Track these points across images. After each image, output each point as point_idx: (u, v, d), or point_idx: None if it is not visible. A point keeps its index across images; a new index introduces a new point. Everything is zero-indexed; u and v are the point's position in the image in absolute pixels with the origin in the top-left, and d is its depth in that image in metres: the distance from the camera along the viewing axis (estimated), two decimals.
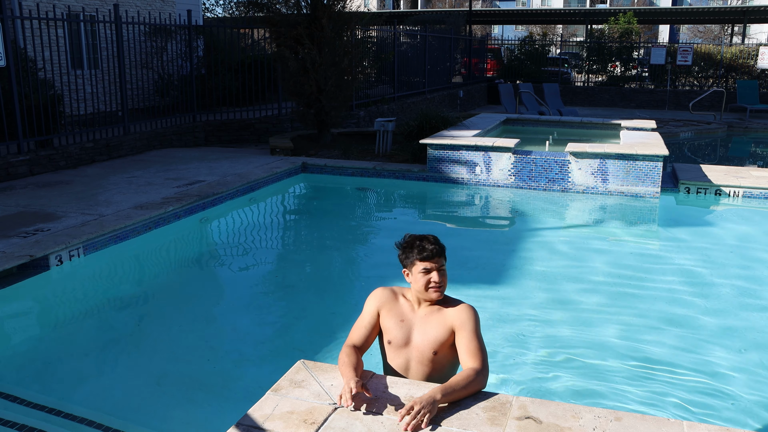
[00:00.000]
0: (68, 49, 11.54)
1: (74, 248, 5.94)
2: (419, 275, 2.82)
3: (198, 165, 9.91)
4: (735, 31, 31.70)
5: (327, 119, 11.89)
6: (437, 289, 2.81)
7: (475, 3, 53.17)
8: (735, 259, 6.59)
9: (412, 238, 2.88)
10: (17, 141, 9.05)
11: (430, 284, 2.80)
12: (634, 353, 4.47)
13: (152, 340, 4.79)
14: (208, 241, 7.50)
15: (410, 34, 19.03)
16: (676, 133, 15.78)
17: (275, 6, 11.58)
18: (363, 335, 2.91)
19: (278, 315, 5.38)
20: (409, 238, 2.89)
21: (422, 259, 2.80)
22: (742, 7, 26.12)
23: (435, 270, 2.80)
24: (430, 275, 2.80)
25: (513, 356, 4.39)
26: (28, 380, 4.17)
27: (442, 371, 2.86)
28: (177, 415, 3.77)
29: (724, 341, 4.70)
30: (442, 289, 2.84)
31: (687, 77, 23.55)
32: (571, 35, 42.72)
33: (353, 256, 7.00)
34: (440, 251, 2.83)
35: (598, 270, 6.20)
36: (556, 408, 2.53)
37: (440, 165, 9.58)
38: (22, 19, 9.27)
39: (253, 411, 2.50)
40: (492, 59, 28.23)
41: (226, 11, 27.20)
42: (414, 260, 2.83)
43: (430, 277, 2.80)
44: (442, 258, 2.84)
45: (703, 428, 2.40)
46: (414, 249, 2.83)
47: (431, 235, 2.89)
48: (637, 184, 8.79)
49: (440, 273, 2.82)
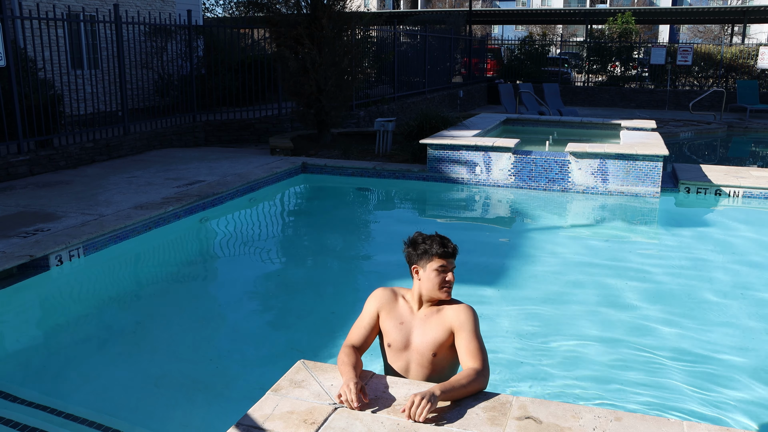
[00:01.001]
0: (68, 49, 11.54)
1: (74, 248, 5.94)
2: (433, 273, 2.79)
3: (198, 165, 9.91)
4: (735, 31, 31.70)
5: (327, 119, 11.89)
6: (450, 289, 2.82)
7: (475, 3, 53.17)
8: (735, 258, 6.59)
9: (425, 237, 2.87)
10: (17, 141, 9.05)
11: (445, 283, 2.80)
12: (634, 353, 4.47)
13: (152, 340, 4.79)
14: (208, 241, 7.50)
15: (410, 34, 19.03)
16: (676, 133, 15.78)
17: (275, 6, 11.58)
18: (362, 336, 2.91)
19: (278, 315, 5.38)
20: (422, 237, 2.87)
21: (442, 255, 2.78)
22: (742, 7, 26.12)
23: (450, 270, 2.80)
24: (446, 274, 2.79)
25: (513, 356, 4.38)
26: (28, 380, 4.17)
27: (442, 372, 2.86)
28: (177, 415, 3.77)
29: (724, 341, 4.70)
30: (451, 289, 2.85)
31: (687, 77, 23.55)
32: (571, 35, 42.72)
33: (353, 256, 7.00)
34: (456, 250, 2.85)
35: (598, 270, 6.20)
36: (556, 408, 2.53)
37: (440, 165, 9.58)
38: (22, 19, 9.27)
39: (253, 411, 2.50)
40: (492, 59, 28.24)
41: (226, 11, 27.21)
42: (432, 256, 2.79)
43: (446, 276, 2.79)
44: (454, 259, 2.85)
45: (703, 428, 2.39)
46: (433, 245, 2.79)
47: (441, 235, 2.89)
48: (637, 184, 8.79)
49: (452, 273, 2.83)
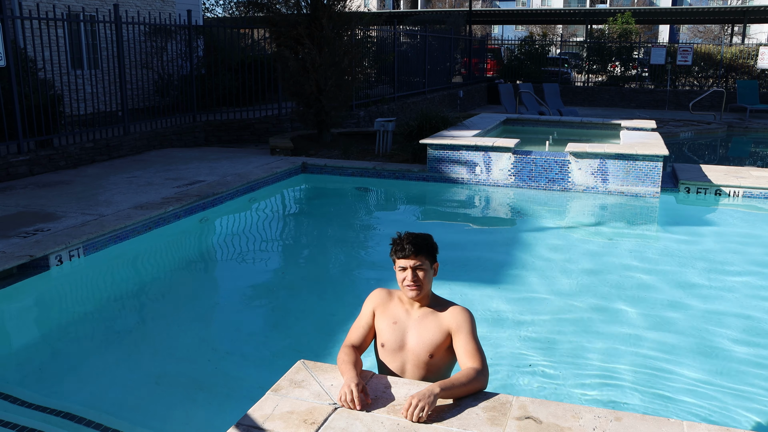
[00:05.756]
0: (68, 49, 11.54)
1: (74, 248, 5.94)
2: (398, 272, 2.88)
3: (198, 165, 9.90)
4: (735, 31, 31.70)
5: (327, 119, 11.89)
6: (412, 288, 2.84)
7: (475, 3, 53.17)
8: (735, 258, 6.59)
9: (398, 236, 2.91)
10: (17, 141, 9.05)
11: (405, 282, 2.85)
12: (634, 353, 4.47)
13: (152, 340, 4.79)
14: (207, 241, 7.50)
15: (410, 34, 19.03)
16: (676, 133, 15.78)
17: (275, 6, 11.58)
18: (361, 335, 2.93)
19: (278, 315, 5.38)
20: (396, 236, 2.92)
21: (398, 257, 2.86)
22: (742, 7, 26.13)
23: (410, 268, 2.82)
24: (405, 273, 2.84)
25: (513, 356, 4.38)
26: (28, 380, 4.16)
27: (438, 373, 2.87)
28: (177, 415, 3.77)
29: (724, 341, 4.70)
30: (419, 289, 2.84)
31: (687, 77, 23.55)
32: (571, 35, 42.73)
33: (353, 256, 7.00)
34: (418, 250, 2.83)
35: (598, 270, 6.20)
36: (556, 408, 2.52)
37: (440, 165, 9.58)
38: (22, 19, 9.27)
39: (253, 411, 2.50)
40: (492, 59, 28.24)
41: (226, 11, 27.22)
42: (394, 258, 2.89)
43: (405, 275, 2.84)
44: (422, 257, 2.84)
45: (703, 428, 2.39)
46: (393, 246, 2.89)
47: (418, 234, 2.90)
48: (637, 184, 8.79)
49: (416, 272, 2.83)
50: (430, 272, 2.88)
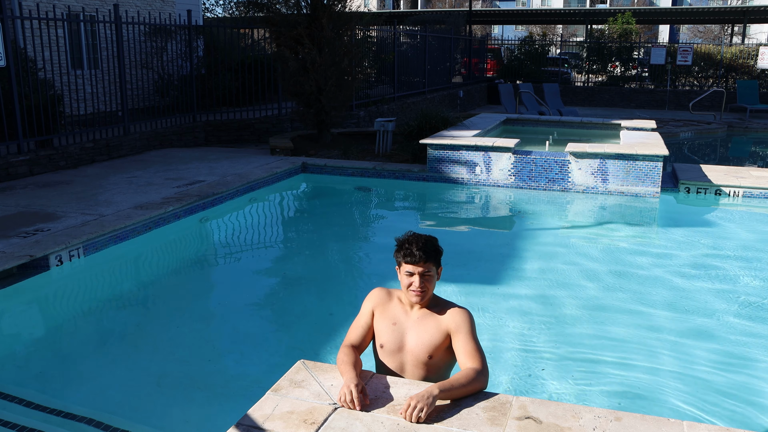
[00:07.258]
0: (68, 49, 11.54)
1: (74, 248, 5.94)
2: (404, 276, 2.84)
3: (198, 165, 9.91)
4: (735, 31, 31.69)
5: (327, 119, 11.89)
6: (417, 294, 2.82)
7: (475, 3, 53.17)
8: (735, 258, 6.59)
9: (405, 238, 2.87)
10: (17, 141, 9.05)
11: (411, 287, 2.82)
12: (634, 353, 4.47)
13: (152, 340, 4.79)
14: (207, 241, 7.50)
15: (410, 34, 19.03)
16: (676, 133, 15.78)
17: (275, 6, 11.58)
18: (360, 335, 2.92)
19: (278, 315, 5.38)
20: (403, 238, 2.89)
21: (407, 262, 2.82)
22: (742, 7, 26.12)
23: (418, 275, 2.80)
24: (413, 279, 2.81)
25: (513, 356, 4.38)
26: (28, 380, 4.16)
27: (438, 374, 2.87)
28: (177, 414, 3.77)
29: (724, 341, 4.70)
30: (423, 295, 2.83)
31: (687, 77, 23.55)
32: (571, 35, 42.71)
33: (353, 256, 7.00)
34: (427, 257, 2.80)
35: (598, 270, 6.20)
36: (556, 408, 2.52)
37: (440, 165, 9.58)
38: (22, 19, 9.27)
39: (253, 411, 2.50)
40: (492, 59, 28.23)
41: (226, 11, 27.21)
42: (401, 261, 2.85)
43: (412, 281, 2.81)
44: (429, 263, 2.81)
45: (703, 428, 2.39)
46: (401, 250, 2.84)
47: (426, 238, 2.86)
48: (637, 184, 8.79)
49: (423, 278, 2.80)
50: (435, 277, 2.87)
